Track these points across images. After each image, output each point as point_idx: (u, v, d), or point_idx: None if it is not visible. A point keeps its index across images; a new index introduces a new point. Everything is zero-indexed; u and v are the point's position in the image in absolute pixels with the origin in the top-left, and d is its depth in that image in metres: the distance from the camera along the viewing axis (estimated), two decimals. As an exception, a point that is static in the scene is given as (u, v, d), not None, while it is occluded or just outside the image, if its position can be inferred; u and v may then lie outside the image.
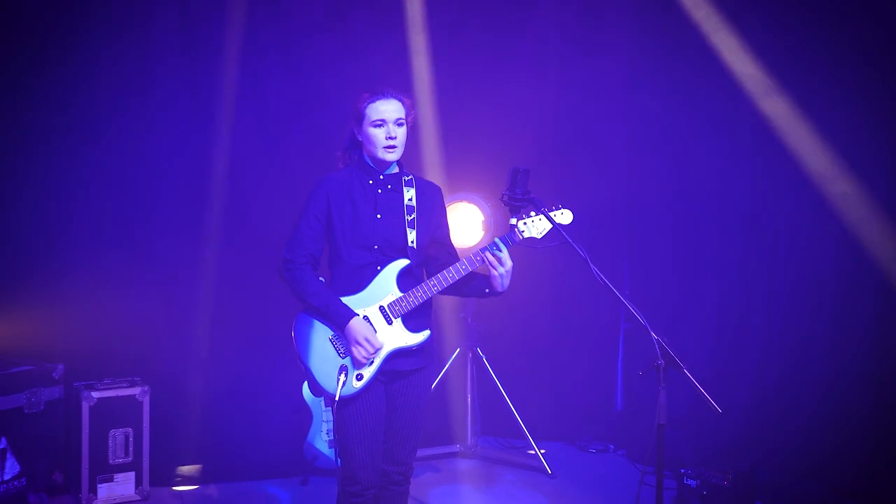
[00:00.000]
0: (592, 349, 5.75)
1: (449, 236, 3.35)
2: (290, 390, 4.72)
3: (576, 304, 5.66)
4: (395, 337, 3.14)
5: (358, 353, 3.09)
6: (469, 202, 5.11)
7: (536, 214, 3.14)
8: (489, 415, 5.53)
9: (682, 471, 4.28)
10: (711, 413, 5.12)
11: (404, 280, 3.16)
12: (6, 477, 4.21)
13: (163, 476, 4.65)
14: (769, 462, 4.62)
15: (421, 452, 5.19)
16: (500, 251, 3.11)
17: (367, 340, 3.08)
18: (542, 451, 5.16)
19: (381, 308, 3.13)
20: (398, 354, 3.15)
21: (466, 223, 5.11)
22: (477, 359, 5.29)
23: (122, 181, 4.78)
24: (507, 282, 3.15)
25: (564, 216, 3.20)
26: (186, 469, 4.78)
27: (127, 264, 4.74)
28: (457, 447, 5.32)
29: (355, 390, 3.10)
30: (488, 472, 5.09)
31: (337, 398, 3.06)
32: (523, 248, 3.16)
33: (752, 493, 4.16)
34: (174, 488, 4.66)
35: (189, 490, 4.66)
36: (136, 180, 4.79)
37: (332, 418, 4.62)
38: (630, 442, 5.43)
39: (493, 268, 3.12)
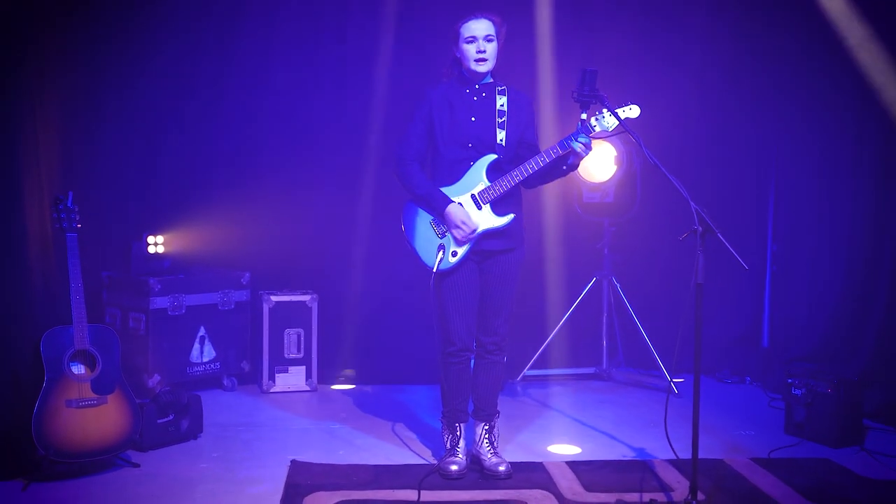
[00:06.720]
0: (735, 285, 5.83)
1: (536, 138, 3.82)
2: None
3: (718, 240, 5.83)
4: (484, 220, 3.66)
5: (458, 233, 3.63)
6: (605, 140, 5.49)
7: (608, 110, 3.54)
8: (631, 347, 5.83)
9: (789, 381, 4.41)
10: (844, 346, 5.14)
11: (493, 172, 3.67)
12: (205, 359, 5.18)
13: (327, 375, 5.43)
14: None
15: (558, 371, 5.67)
16: (581, 139, 3.56)
17: (464, 223, 3.62)
18: (681, 380, 5.48)
19: (473, 196, 3.67)
20: (487, 236, 3.67)
21: (601, 158, 5.50)
22: (613, 288, 5.63)
23: (304, 127, 5.59)
24: (579, 161, 3.63)
25: (632, 111, 3.58)
26: (347, 371, 5.55)
27: (304, 194, 5.54)
28: (593, 370, 5.71)
29: (451, 265, 3.66)
30: (617, 390, 5.45)
31: (435, 270, 3.64)
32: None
33: (857, 403, 4.22)
34: (334, 386, 5.43)
35: (348, 389, 5.41)
36: (312, 128, 5.59)
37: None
38: (766, 375, 5.54)
39: (579, 155, 3.57)
